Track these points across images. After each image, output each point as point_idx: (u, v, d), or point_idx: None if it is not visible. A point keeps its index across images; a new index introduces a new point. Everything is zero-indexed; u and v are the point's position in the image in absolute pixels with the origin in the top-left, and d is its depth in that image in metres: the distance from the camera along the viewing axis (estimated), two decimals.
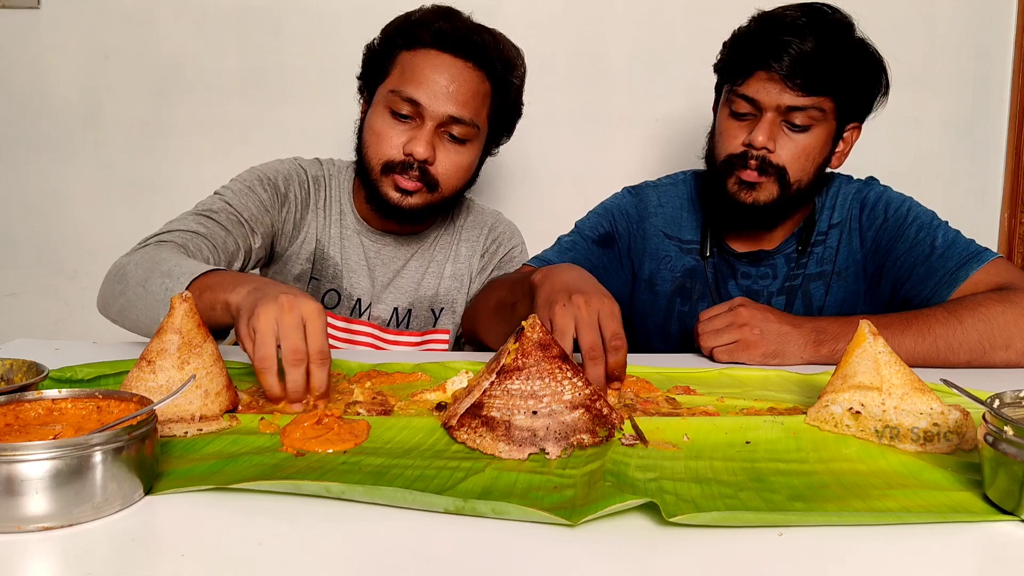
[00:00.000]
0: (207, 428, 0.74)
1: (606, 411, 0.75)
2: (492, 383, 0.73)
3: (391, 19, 1.31)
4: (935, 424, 0.73)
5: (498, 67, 1.27)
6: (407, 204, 1.27)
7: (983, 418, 0.61)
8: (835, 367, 0.81)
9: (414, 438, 0.74)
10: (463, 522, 0.57)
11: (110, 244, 1.35)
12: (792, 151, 1.22)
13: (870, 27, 1.23)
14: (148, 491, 0.60)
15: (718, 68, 1.31)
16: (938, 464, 0.69)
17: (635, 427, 0.76)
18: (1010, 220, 1.96)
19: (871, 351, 0.78)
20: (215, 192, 1.28)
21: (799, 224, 1.35)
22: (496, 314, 1.20)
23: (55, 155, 1.91)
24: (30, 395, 0.65)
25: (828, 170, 1.31)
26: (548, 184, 1.93)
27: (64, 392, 0.65)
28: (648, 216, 1.41)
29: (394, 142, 1.24)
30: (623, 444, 0.72)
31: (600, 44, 1.88)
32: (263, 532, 0.55)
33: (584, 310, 0.88)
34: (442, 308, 1.42)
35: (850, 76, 1.20)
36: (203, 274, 0.98)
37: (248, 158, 1.40)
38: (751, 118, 1.23)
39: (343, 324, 1.37)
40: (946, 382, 0.68)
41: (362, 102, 1.35)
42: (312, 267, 1.37)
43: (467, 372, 0.90)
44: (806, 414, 0.81)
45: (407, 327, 1.41)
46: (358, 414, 0.80)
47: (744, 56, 1.22)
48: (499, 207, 1.56)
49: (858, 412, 0.76)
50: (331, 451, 0.69)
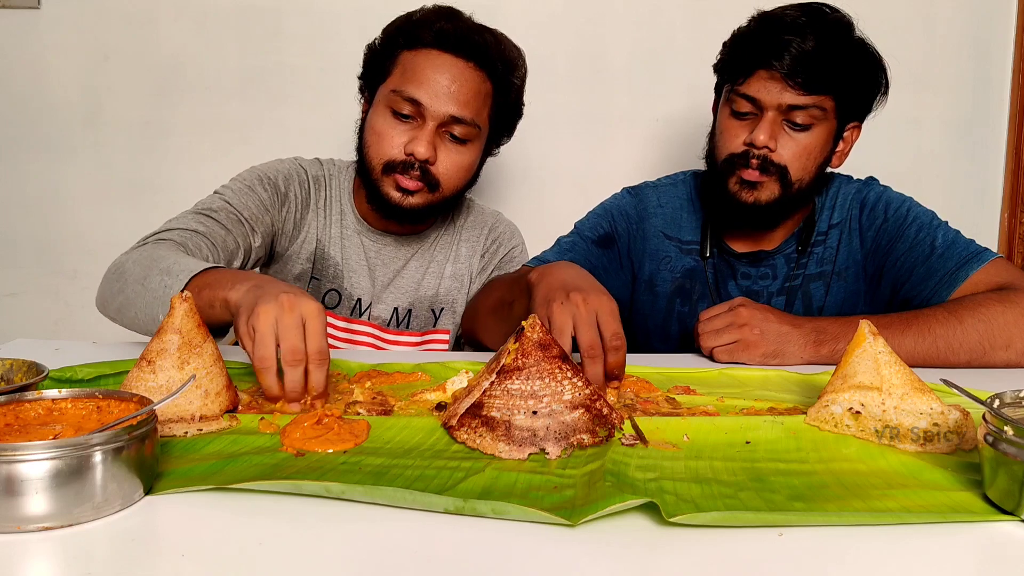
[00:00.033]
0: (207, 428, 0.74)
1: (606, 411, 0.75)
2: (492, 383, 0.73)
3: (392, 19, 1.31)
4: (935, 424, 0.73)
5: (499, 67, 1.28)
6: (408, 204, 1.27)
7: (983, 418, 0.61)
8: (835, 367, 0.81)
9: (414, 438, 0.74)
10: (463, 522, 0.57)
11: (110, 244, 1.35)
12: (793, 150, 1.22)
13: (870, 27, 1.23)
14: (148, 491, 0.60)
15: (718, 68, 1.31)
16: (938, 464, 0.69)
17: (635, 427, 0.76)
18: (1010, 220, 1.96)
19: (871, 351, 0.78)
20: (215, 191, 1.28)
21: (799, 224, 1.35)
22: (494, 314, 1.20)
23: (55, 155, 1.91)
24: (30, 395, 0.65)
25: (828, 170, 1.31)
26: (548, 184, 1.93)
27: (64, 392, 0.65)
28: (648, 216, 1.41)
29: (395, 142, 1.25)
30: (623, 444, 0.72)
31: (600, 44, 1.88)
32: (263, 532, 0.55)
33: (582, 308, 0.88)
34: (442, 308, 1.42)
35: (850, 75, 1.20)
36: (202, 271, 0.98)
37: (248, 158, 1.40)
38: (752, 117, 1.23)
39: (343, 324, 1.37)
40: (946, 382, 0.68)
41: (363, 102, 1.35)
42: (312, 267, 1.37)
43: (467, 372, 0.89)
44: (806, 414, 0.81)
45: (407, 327, 1.41)
46: (358, 414, 0.80)
47: (745, 55, 1.22)
48: (499, 207, 1.56)
49: (858, 412, 0.76)
50: (331, 451, 0.69)
